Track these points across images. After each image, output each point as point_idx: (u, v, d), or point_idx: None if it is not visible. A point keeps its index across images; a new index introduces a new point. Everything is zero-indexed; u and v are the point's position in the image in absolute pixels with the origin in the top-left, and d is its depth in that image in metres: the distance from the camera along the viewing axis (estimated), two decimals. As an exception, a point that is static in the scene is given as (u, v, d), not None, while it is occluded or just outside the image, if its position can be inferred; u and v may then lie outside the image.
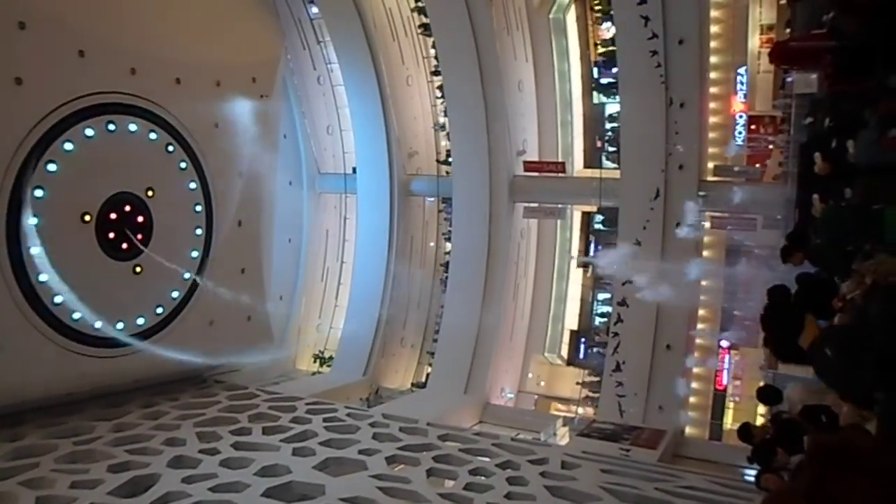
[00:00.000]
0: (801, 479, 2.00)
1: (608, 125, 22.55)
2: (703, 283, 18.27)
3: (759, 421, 16.56)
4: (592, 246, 23.80)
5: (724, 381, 20.03)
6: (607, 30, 21.32)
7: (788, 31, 17.01)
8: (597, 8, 21.92)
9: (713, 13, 17.87)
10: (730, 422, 20.13)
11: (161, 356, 13.81)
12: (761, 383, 16.48)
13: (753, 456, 6.74)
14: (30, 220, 11.47)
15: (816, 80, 12.10)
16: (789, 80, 16.17)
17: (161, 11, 13.59)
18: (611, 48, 20.23)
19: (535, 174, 19.73)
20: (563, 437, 17.41)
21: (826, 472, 1.90)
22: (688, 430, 17.88)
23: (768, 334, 5.95)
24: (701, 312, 18.63)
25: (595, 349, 22.16)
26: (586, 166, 22.70)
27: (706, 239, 18.71)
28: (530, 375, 22.43)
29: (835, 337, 4.18)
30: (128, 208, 13.18)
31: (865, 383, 3.58)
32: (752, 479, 10.34)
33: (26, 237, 11.42)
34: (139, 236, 13.30)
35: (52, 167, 11.74)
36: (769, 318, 5.77)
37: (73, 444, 11.05)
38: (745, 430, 7.68)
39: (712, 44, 17.91)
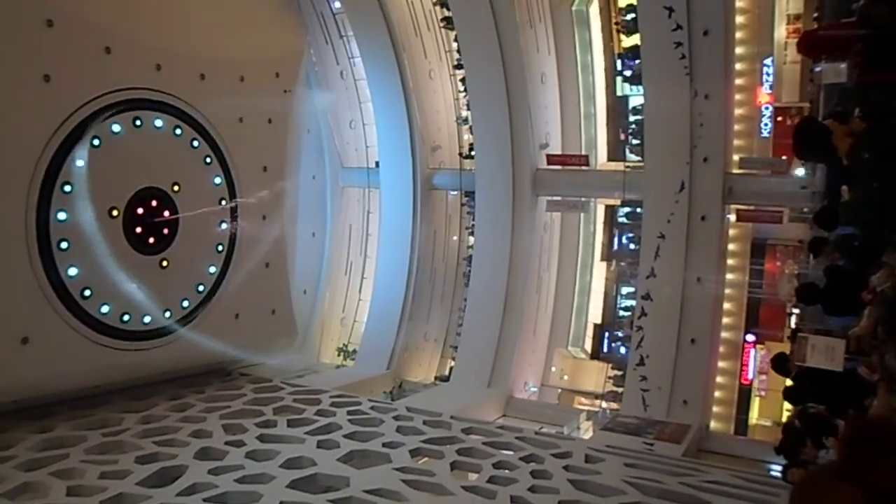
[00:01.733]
0: (835, 461, 1.98)
1: (632, 118, 22.40)
2: (730, 276, 18.12)
3: (785, 416, 16.44)
4: (616, 239, 23.71)
5: (750, 376, 19.89)
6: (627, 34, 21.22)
7: (816, 19, 16.80)
8: (621, 2, 21.78)
9: (738, 3, 17.68)
10: (755, 417, 19.99)
11: (187, 349, 13.98)
12: (787, 381, 16.39)
13: (780, 449, 6.69)
14: (59, 215, 11.64)
15: (846, 70, 11.91)
16: (818, 69, 15.93)
17: (185, 8, 13.71)
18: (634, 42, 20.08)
19: (559, 167, 19.63)
20: (586, 430, 17.37)
21: (860, 453, 1.87)
22: (713, 424, 17.76)
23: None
24: (726, 306, 18.47)
25: (619, 343, 22.09)
26: (610, 159, 22.59)
27: (731, 232, 18.54)
28: (554, 369, 22.39)
29: (871, 140, 4.10)
30: (154, 203, 13.32)
31: None
32: (779, 473, 10.27)
33: (55, 231, 11.59)
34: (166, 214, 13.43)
35: (80, 163, 11.89)
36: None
37: (101, 435, 11.21)
38: (782, 360, 7.56)
39: (738, 34, 17.70)
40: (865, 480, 1.80)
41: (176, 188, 13.72)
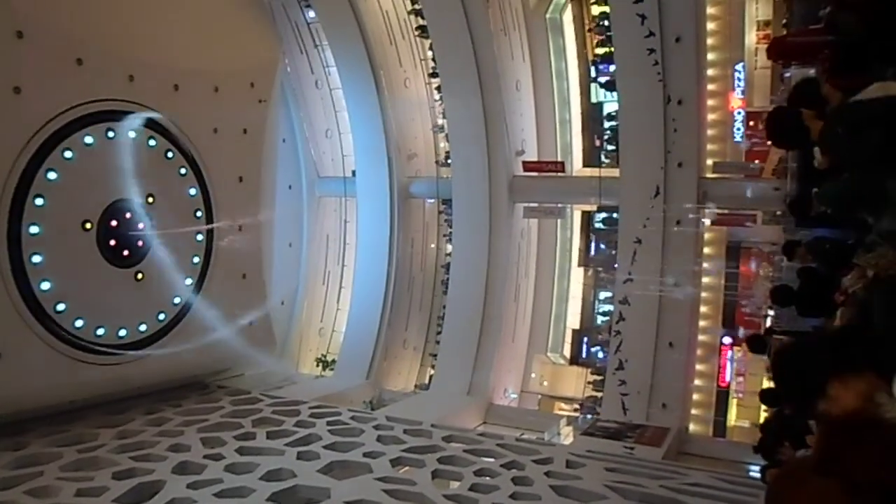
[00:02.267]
0: (812, 453, 2.01)
1: (607, 124, 22.57)
2: (705, 279, 18.30)
3: (763, 417, 16.60)
4: (593, 245, 23.84)
5: (727, 378, 20.07)
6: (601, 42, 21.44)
7: (785, 25, 17.07)
8: (594, 9, 21.98)
9: (710, 10, 17.90)
10: (733, 419, 20.16)
11: (164, 362, 13.82)
12: (765, 381, 16.57)
13: (759, 448, 6.76)
14: (31, 229, 11.48)
15: (815, 75, 12.10)
16: (787, 75, 16.18)
17: (158, 18, 13.59)
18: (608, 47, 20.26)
19: (535, 174, 19.74)
20: (567, 436, 17.42)
21: (837, 443, 1.90)
22: (692, 427, 17.89)
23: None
24: (703, 309, 18.64)
25: (597, 347, 22.19)
26: (585, 165, 22.73)
27: (706, 236, 18.73)
28: (533, 375, 22.43)
29: (843, 115, 4.15)
30: (128, 215, 13.19)
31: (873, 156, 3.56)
32: (758, 474, 10.35)
33: (27, 245, 11.43)
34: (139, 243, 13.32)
35: (52, 175, 11.74)
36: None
37: (77, 451, 11.04)
38: (757, 340, 7.65)
39: (709, 41, 17.93)
40: (842, 472, 1.82)
41: (150, 200, 13.59)
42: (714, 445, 17.20)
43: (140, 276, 13.44)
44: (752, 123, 19.97)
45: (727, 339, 19.97)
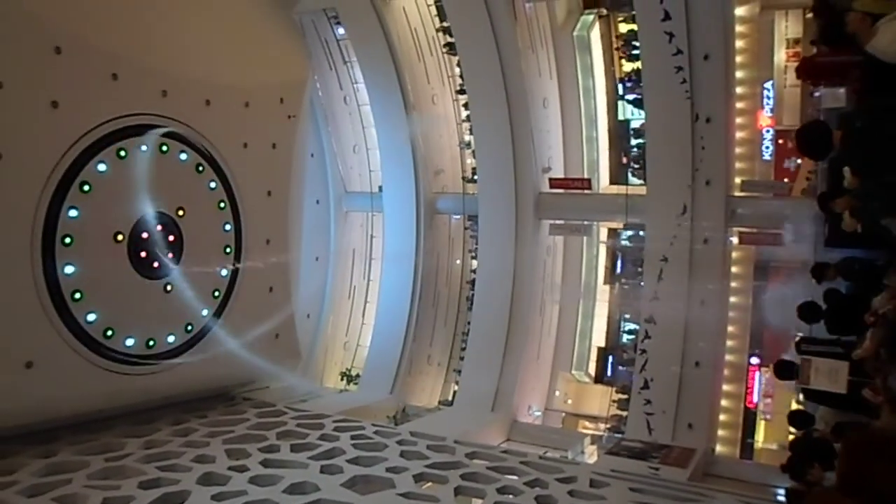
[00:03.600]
0: (836, 471, 2.02)
1: (634, 141, 22.52)
2: (733, 299, 18.11)
3: (790, 438, 16.32)
4: (619, 263, 23.72)
5: (755, 399, 19.79)
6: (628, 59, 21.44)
7: (814, 43, 16.94)
8: (621, 27, 22.02)
9: (738, 28, 17.81)
10: (761, 440, 19.85)
11: (191, 373, 13.96)
12: (792, 401, 16.31)
13: (787, 468, 6.68)
14: (64, 240, 11.70)
15: (844, 95, 12.01)
16: (817, 94, 16.06)
17: (191, 34, 13.85)
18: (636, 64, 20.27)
19: (561, 191, 19.72)
20: (591, 455, 17.27)
21: (859, 462, 1.91)
22: (718, 448, 17.65)
23: None
24: (730, 329, 18.43)
25: (623, 366, 22.02)
26: (612, 183, 22.67)
27: (734, 255, 18.55)
28: (557, 393, 22.30)
29: (862, 109, 4.24)
30: (159, 228, 13.38)
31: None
32: (783, 498, 10.18)
33: (60, 256, 11.64)
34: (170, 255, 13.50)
35: (86, 188, 11.96)
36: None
37: (104, 460, 11.15)
38: (785, 366, 7.63)
39: (738, 59, 17.84)
40: (864, 488, 1.83)
41: (181, 213, 13.78)
42: (741, 467, 16.93)
43: (169, 287, 13.61)
44: (780, 142, 19.83)
45: (755, 360, 19.71)
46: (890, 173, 4.80)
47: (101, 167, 12.23)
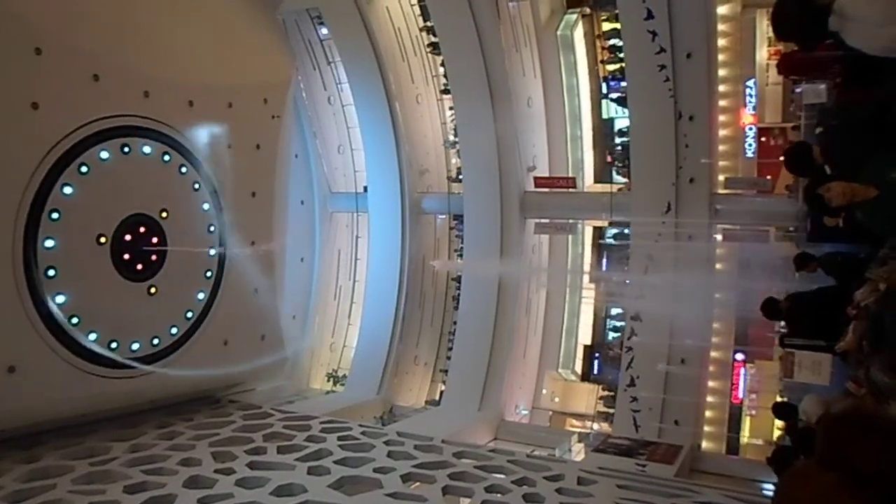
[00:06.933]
0: (816, 448, 2.03)
1: (618, 140, 22.61)
2: (717, 295, 18.21)
3: (776, 434, 16.47)
4: (604, 261, 23.81)
5: (740, 395, 19.92)
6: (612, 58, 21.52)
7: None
8: (604, 25, 22.10)
9: (720, 26, 17.93)
10: (746, 436, 19.99)
11: (176, 376, 13.86)
12: (778, 396, 16.44)
13: (772, 460, 6.73)
14: (46, 243, 11.58)
15: (825, 90, 12.13)
16: (798, 91, 16.20)
17: (174, 35, 13.75)
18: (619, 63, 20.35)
19: (546, 190, 19.76)
20: (578, 452, 17.32)
21: (838, 438, 1.92)
22: (704, 444, 17.75)
23: None
24: (715, 326, 18.55)
25: (609, 364, 22.10)
26: (597, 181, 22.75)
27: (718, 251, 18.67)
28: (544, 391, 22.35)
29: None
30: (142, 230, 13.28)
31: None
32: (771, 493, 10.25)
33: (42, 259, 11.53)
34: (153, 258, 13.40)
35: (68, 190, 11.85)
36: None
37: (89, 465, 11.06)
38: (771, 304, 7.69)
39: (720, 57, 17.95)
40: (844, 465, 1.84)
41: (164, 215, 13.69)
42: (727, 463, 17.05)
43: (153, 290, 13.51)
44: (763, 139, 19.97)
45: (740, 356, 19.84)
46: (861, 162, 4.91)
47: (83, 169, 12.12)
